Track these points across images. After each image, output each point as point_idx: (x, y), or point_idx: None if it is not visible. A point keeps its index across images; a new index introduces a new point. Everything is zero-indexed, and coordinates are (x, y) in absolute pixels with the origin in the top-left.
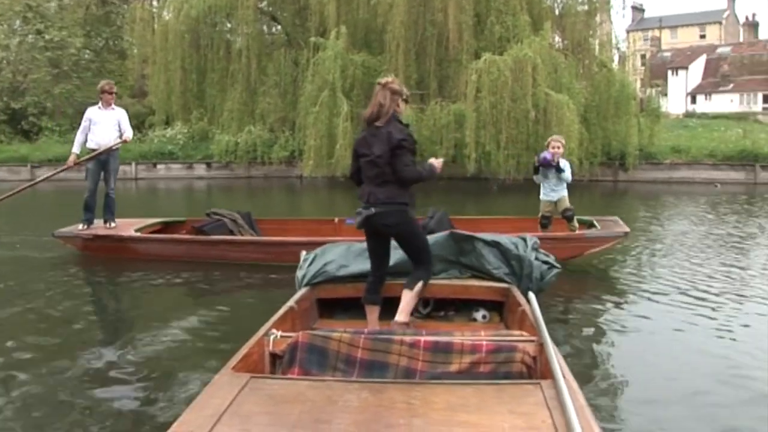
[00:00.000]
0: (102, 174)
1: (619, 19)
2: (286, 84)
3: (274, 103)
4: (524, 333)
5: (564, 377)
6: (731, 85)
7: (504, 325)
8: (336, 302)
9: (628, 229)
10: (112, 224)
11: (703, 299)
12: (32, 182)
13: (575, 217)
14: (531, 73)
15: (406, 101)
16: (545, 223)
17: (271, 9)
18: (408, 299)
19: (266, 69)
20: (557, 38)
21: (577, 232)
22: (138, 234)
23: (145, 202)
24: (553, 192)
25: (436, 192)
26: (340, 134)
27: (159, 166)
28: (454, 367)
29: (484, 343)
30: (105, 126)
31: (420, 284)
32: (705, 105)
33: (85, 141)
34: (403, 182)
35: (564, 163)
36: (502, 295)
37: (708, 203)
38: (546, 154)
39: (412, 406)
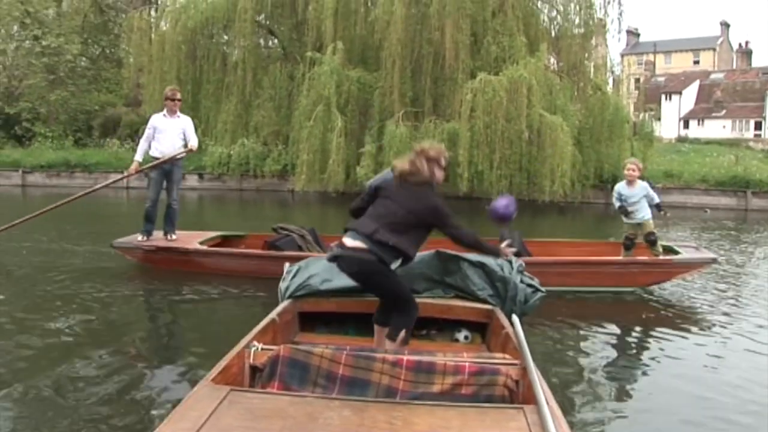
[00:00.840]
0: (164, 184)
1: (615, 43)
2: (281, 98)
3: (269, 117)
4: (507, 356)
5: (547, 403)
6: (724, 112)
7: (486, 346)
8: (318, 316)
9: (715, 256)
10: (173, 236)
11: (700, 328)
12: (91, 189)
13: (659, 242)
14: (526, 94)
15: (444, 169)
16: (629, 244)
17: (268, 23)
18: (394, 348)
19: (262, 82)
20: (553, 60)
21: (667, 257)
22: (204, 247)
23: (138, 212)
24: (634, 215)
25: None
26: (333, 149)
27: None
28: (436, 388)
29: (467, 364)
30: (170, 134)
31: (402, 333)
32: (697, 130)
33: (148, 149)
34: (460, 243)
35: (643, 186)
36: (486, 316)
37: (697, 228)
38: (499, 206)
39: (393, 427)
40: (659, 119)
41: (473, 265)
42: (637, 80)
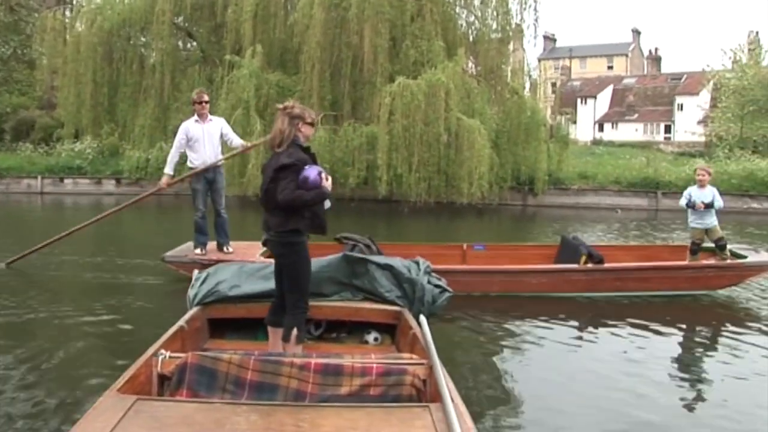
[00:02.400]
0: (209, 193)
1: (531, 48)
2: None
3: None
4: (414, 356)
5: (452, 400)
6: (636, 115)
7: (395, 347)
8: (227, 322)
9: None
10: (229, 249)
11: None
12: (120, 206)
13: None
14: (444, 98)
15: (311, 124)
16: (695, 249)
17: (186, 25)
18: (292, 350)
19: (180, 85)
20: (471, 64)
21: (738, 261)
22: (270, 260)
23: (53, 218)
24: (702, 220)
25: (347, 214)
26: (252, 153)
27: (66, 181)
28: (344, 390)
29: (375, 365)
30: (207, 141)
31: (294, 332)
32: (611, 133)
33: (178, 159)
34: (284, 207)
35: (712, 191)
36: (394, 318)
37: (607, 229)
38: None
39: (301, 429)
40: (575, 122)
41: (381, 268)
42: (554, 84)
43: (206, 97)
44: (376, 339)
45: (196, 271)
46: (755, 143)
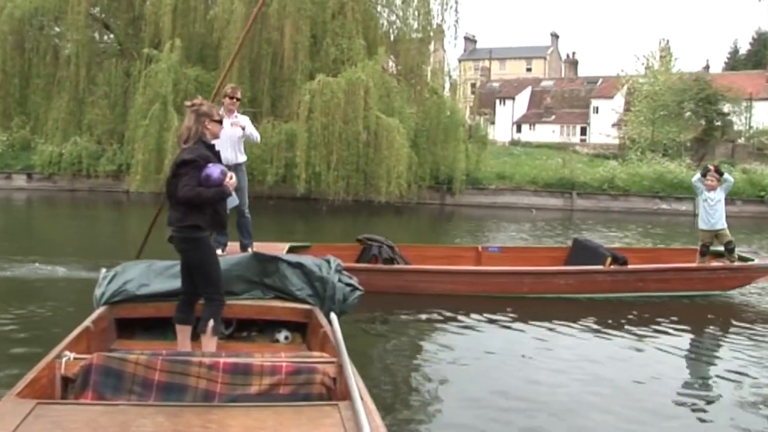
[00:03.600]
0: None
1: (452, 49)
2: (116, 95)
3: (103, 115)
4: (325, 354)
5: (362, 398)
6: (553, 117)
7: (306, 346)
8: (136, 322)
9: None
10: (252, 250)
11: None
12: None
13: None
14: (363, 96)
15: (218, 122)
16: (705, 251)
17: (103, 16)
18: (207, 342)
19: (96, 78)
20: (391, 63)
21: (748, 263)
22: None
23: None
24: (711, 219)
25: (265, 212)
26: (169, 149)
27: None
28: (253, 389)
29: (284, 364)
30: (227, 139)
31: (211, 323)
32: (529, 134)
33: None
34: (184, 203)
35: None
36: (305, 316)
37: (520, 229)
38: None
39: (208, 430)
40: (493, 123)
41: (291, 266)
42: (473, 85)
43: (239, 94)
44: (286, 338)
45: (103, 270)
46: (665, 146)
